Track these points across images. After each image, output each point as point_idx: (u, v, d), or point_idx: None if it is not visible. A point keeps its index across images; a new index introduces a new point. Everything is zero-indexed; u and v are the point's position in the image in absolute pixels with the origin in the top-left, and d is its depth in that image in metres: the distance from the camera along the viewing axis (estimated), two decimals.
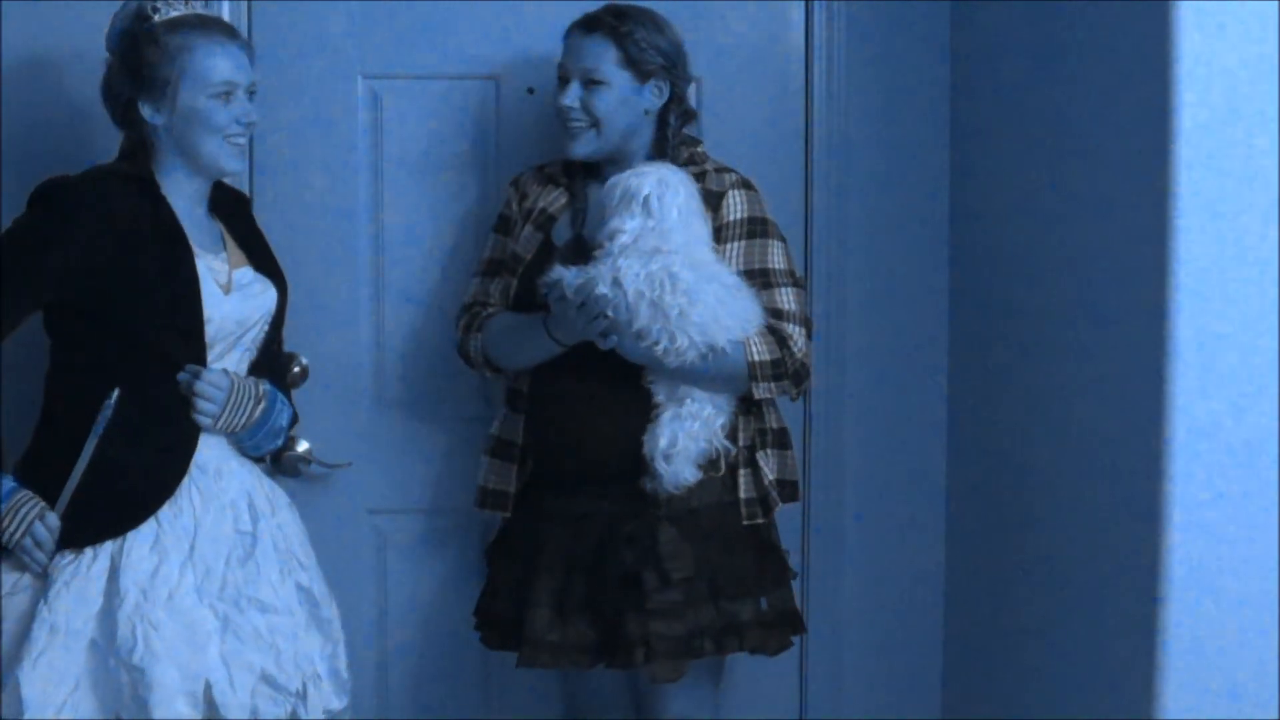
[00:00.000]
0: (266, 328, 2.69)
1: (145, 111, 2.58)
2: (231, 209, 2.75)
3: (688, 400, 2.73)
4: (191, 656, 2.47)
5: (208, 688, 2.49)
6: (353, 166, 3.16)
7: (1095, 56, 2.56)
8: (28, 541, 2.47)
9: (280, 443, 2.72)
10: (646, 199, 2.66)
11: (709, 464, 2.76)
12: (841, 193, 3.23)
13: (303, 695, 2.60)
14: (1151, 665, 2.32)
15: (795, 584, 2.97)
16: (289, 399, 2.78)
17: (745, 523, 2.81)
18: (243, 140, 2.63)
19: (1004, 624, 3.01)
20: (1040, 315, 2.82)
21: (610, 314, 2.62)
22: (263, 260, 2.73)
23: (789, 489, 2.89)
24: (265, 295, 2.68)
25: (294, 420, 2.77)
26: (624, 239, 2.65)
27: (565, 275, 2.65)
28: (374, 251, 3.14)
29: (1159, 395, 2.30)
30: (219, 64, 2.58)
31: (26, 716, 2.41)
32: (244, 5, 3.11)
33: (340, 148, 3.15)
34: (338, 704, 2.66)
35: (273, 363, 2.76)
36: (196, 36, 2.57)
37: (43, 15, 3.02)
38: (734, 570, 2.79)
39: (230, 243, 2.69)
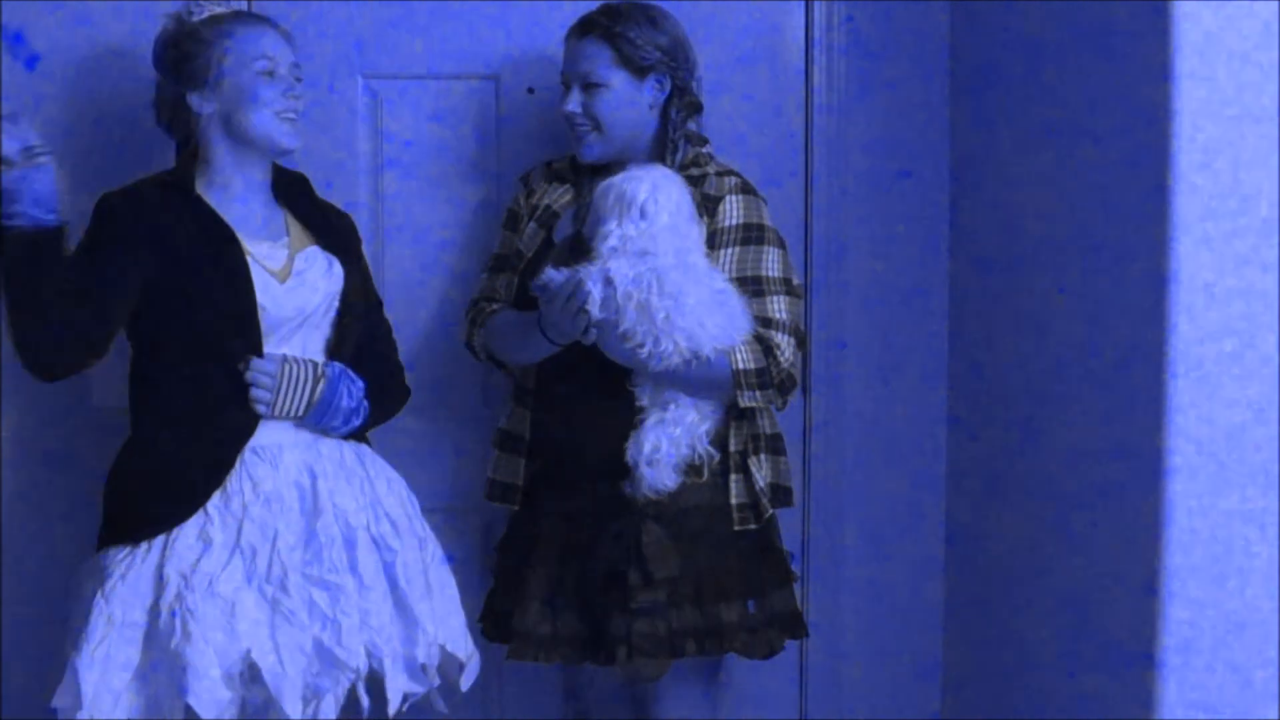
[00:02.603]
0: (337, 305, 2.69)
1: (194, 102, 2.63)
2: (293, 191, 2.76)
3: (672, 405, 2.73)
4: (229, 640, 2.48)
5: (256, 670, 2.49)
6: (353, 166, 3.16)
7: (1095, 56, 2.56)
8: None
9: (358, 422, 2.68)
10: (641, 204, 2.66)
11: (691, 469, 2.76)
12: (841, 193, 3.23)
13: (368, 674, 2.59)
14: (1151, 665, 2.32)
15: (795, 586, 2.97)
16: (386, 380, 2.79)
17: (736, 528, 2.81)
18: (294, 116, 2.66)
19: (1004, 624, 3.01)
20: (1040, 316, 2.82)
21: (592, 310, 2.62)
22: (329, 238, 2.73)
23: (783, 494, 2.89)
24: (330, 276, 2.68)
25: (371, 398, 2.71)
26: (614, 242, 2.66)
27: (554, 275, 2.66)
28: (374, 251, 3.14)
29: (1159, 395, 2.30)
30: (259, 42, 2.63)
31: (84, 708, 2.43)
32: (244, 5, 3.12)
33: (340, 148, 3.15)
34: (415, 688, 2.66)
35: (357, 343, 2.73)
36: (235, 23, 2.65)
37: (47, 26, 3.04)
38: (720, 573, 2.78)
39: (294, 226, 2.70)
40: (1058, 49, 2.72)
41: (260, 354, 2.58)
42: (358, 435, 2.75)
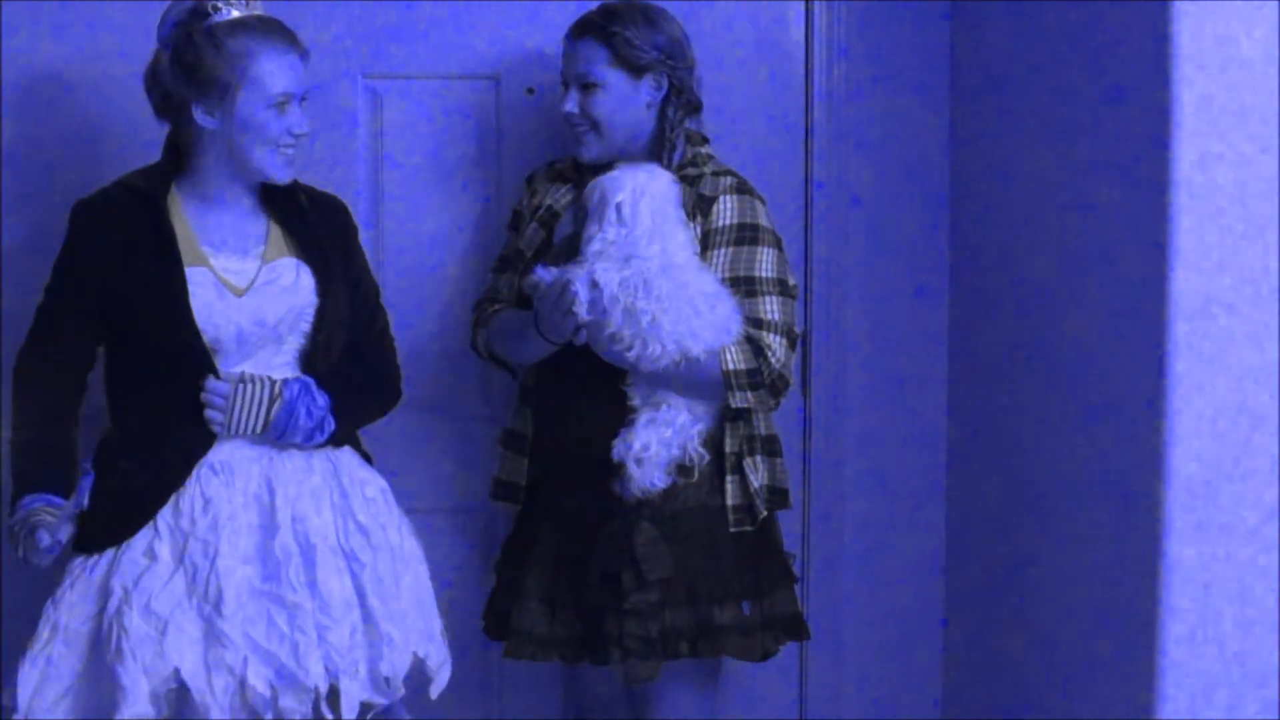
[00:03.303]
0: (311, 316, 2.65)
1: (197, 114, 2.56)
2: (279, 197, 2.69)
3: (664, 406, 2.73)
4: (159, 658, 2.48)
5: (185, 692, 2.50)
6: (353, 166, 3.16)
7: (1095, 56, 2.56)
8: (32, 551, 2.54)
9: (321, 437, 2.64)
10: (619, 205, 2.66)
11: (681, 470, 2.76)
12: (841, 193, 3.23)
13: (327, 693, 2.57)
14: (1151, 665, 2.32)
15: (796, 587, 2.96)
16: (374, 381, 2.78)
17: (732, 529, 2.81)
18: (292, 151, 2.61)
19: (1004, 624, 3.01)
20: (1040, 316, 2.82)
21: (579, 311, 2.62)
22: (313, 244, 2.68)
23: (779, 496, 2.89)
24: (298, 288, 2.64)
25: (343, 410, 2.67)
26: (597, 245, 2.66)
27: (543, 274, 2.66)
28: (374, 251, 3.14)
29: (1158, 395, 2.30)
30: (279, 74, 2.55)
31: (19, 709, 2.47)
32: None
33: (340, 148, 3.15)
34: (378, 699, 2.64)
35: (348, 341, 2.70)
36: (258, 43, 2.53)
37: (46, 25, 3.04)
38: (714, 574, 2.78)
39: (275, 234, 2.66)
40: (1058, 49, 2.72)
41: (213, 370, 2.57)
42: (344, 439, 2.72)
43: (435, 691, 2.76)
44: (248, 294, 2.60)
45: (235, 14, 2.55)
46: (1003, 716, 2.98)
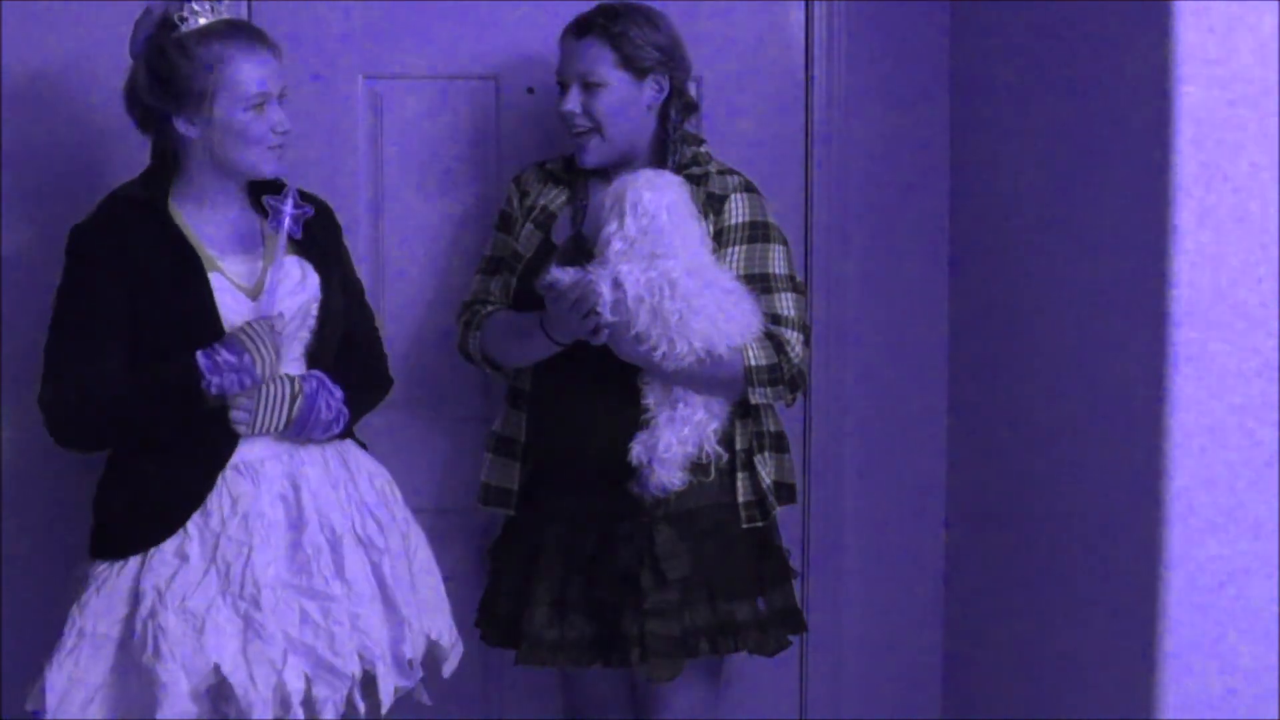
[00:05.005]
0: (316, 312, 2.67)
1: (180, 125, 2.57)
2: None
3: (681, 404, 2.73)
4: (198, 656, 2.49)
5: (227, 686, 2.51)
6: (353, 166, 3.16)
7: (1095, 56, 2.56)
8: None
9: (338, 429, 2.67)
10: (635, 204, 2.66)
11: (698, 469, 2.76)
12: (841, 193, 3.23)
13: (363, 679, 2.60)
14: (1151, 665, 2.32)
15: (795, 584, 2.97)
16: (367, 372, 2.80)
17: (744, 525, 2.81)
18: (280, 146, 2.62)
19: (1004, 624, 3.01)
20: (1040, 316, 2.82)
21: (604, 312, 2.62)
22: (305, 241, 2.68)
23: (786, 491, 2.90)
24: (305, 283, 2.66)
25: (354, 403, 2.70)
26: (618, 245, 2.65)
27: (560, 274, 2.66)
28: (374, 251, 3.15)
29: (1159, 395, 2.30)
30: (253, 75, 2.56)
31: (48, 713, 2.48)
32: (244, 5, 3.12)
33: (340, 148, 3.15)
34: (404, 683, 2.67)
35: (339, 351, 2.72)
36: (228, 47, 2.55)
37: (46, 25, 3.04)
38: (731, 571, 2.79)
39: (271, 235, 2.66)
40: (1058, 49, 2.72)
41: None
42: (348, 430, 2.75)
43: (448, 671, 2.80)
44: (262, 295, 2.60)
45: (203, 21, 2.56)
46: (1003, 716, 2.98)
